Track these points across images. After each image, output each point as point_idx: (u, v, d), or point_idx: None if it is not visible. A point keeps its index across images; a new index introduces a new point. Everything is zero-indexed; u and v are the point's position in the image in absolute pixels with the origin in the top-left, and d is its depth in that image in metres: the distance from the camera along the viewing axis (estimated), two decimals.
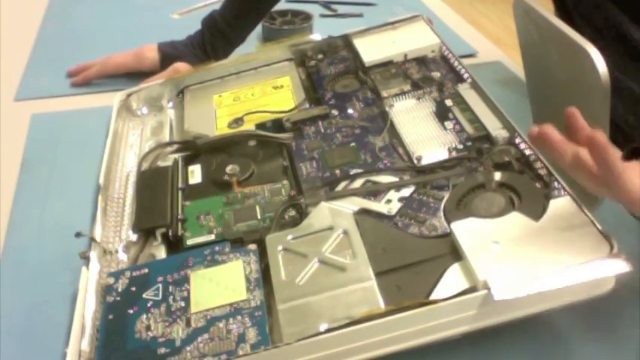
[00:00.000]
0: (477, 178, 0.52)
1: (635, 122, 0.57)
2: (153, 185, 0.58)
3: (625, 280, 0.41)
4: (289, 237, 0.49)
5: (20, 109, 0.78)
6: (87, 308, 0.46)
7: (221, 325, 0.44)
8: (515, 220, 0.46)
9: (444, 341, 0.42)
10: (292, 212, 0.53)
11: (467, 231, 0.46)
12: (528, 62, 0.64)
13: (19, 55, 0.92)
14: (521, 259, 0.43)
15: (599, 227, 0.44)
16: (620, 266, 0.40)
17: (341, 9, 1.06)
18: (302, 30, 0.93)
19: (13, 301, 0.51)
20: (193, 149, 0.63)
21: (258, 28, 0.92)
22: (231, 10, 0.84)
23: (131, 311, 0.46)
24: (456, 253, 0.45)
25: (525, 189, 0.49)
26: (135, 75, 0.82)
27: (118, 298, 0.47)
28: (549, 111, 0.63)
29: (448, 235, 0.47)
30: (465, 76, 0.64)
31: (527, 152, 0.53)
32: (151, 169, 0.61)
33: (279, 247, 0.48)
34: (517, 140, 0.54)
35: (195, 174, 0.59)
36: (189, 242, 0.52)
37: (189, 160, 0.61)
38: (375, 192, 0.53)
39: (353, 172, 0.56)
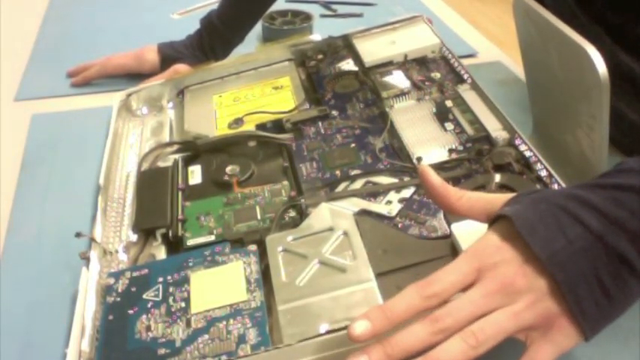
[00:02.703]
0: (477, 179, 0.52)
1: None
2: (153, 185, 0.58)
3: None
4: (289, 238, 0.49)
5: (20, 109, 0.78)
6: (87, 308, 0.46)
7: (221, 325, 0.44)
8: None
9: None
10: (292, 213, 0.53)
11: (467, 232, 0.46)
12: (528, 62, 0.64)
13: (19, 55, 0.92)
14: None
15: None
16: None
17: (341, 9, 1.06)
18: (302, 30, 0.93)
19: (13, 301, 0.51)
20: (193, 149, 0.63)
21: (258, 28, 0.92)
22: (227, 11, 0.84)
23: (131, 312, 0.46)
24: (456, 255, 0.45)
25: None
26: (135, 75, 0.82)
27: (118, 299, 0.47)
28: (549, 111, 0.63)
29: (448, 237, 0.47)
30: (465, 76, 0.64)
31: (528, 154, 0.53)
32: (151, 170, 0.61)
33: (280, 248, 0.48)
34: (517, 141, 0.54)
35: (195, 174, 0.59)
36: (190, 243, 0.52)
37: (189, 161, 0.61)
38: (375, 193, 0.53)
39: (353, 172, 0.56)
